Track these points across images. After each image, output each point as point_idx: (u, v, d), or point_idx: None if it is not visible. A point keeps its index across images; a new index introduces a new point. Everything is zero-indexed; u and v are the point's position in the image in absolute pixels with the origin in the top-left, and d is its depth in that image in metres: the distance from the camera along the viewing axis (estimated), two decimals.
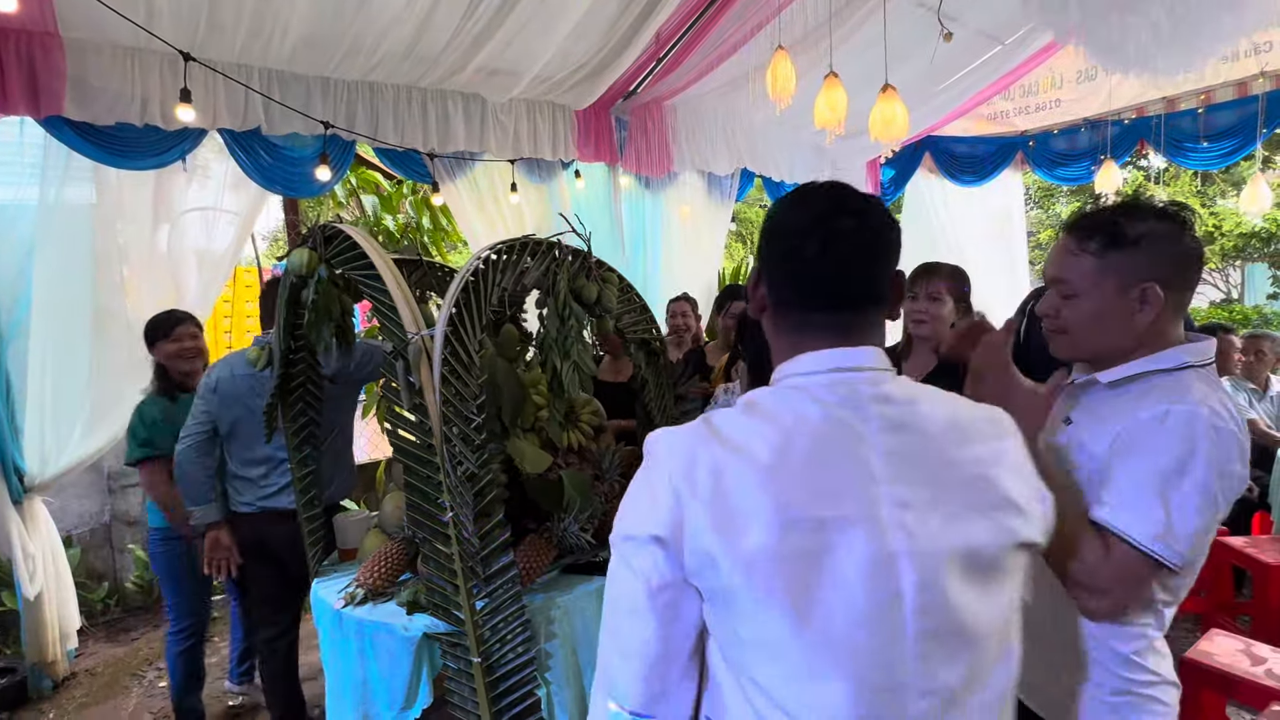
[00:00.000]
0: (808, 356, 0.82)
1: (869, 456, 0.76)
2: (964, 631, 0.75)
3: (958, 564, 0.75)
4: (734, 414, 0.80)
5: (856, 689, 0.72)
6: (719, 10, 3.77)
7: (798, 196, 0.86)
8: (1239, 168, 8.74)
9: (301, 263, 1.91)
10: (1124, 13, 2.80)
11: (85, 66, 2.73)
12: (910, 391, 0.81)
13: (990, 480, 0.78)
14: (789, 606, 0.72)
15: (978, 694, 0.76)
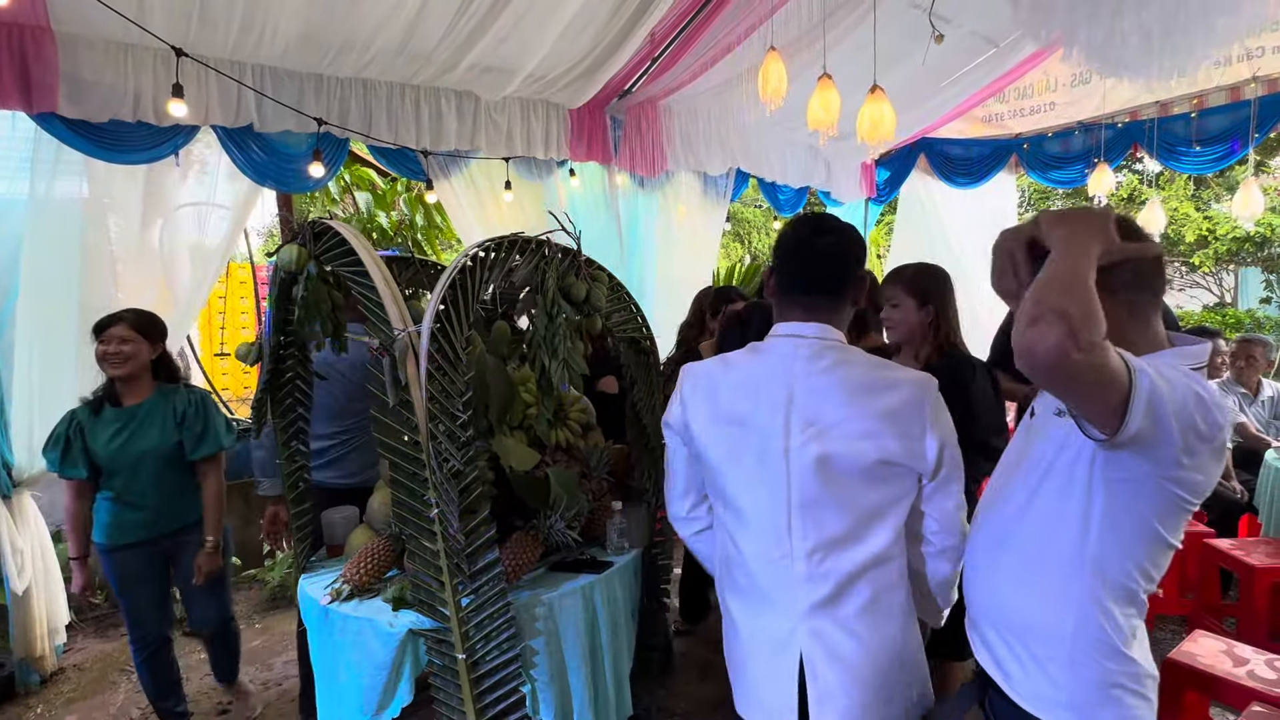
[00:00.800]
0: (780, 324, 1.37)
1: (792, 389, 1.30)
2: (822, 506, 1.28)
3: (821, 465, 1.26)
4: (729, 355, 1.43)
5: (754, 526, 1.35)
6: (713, 11, 3.78)
7: (795, 220, 1.42)
8: (1233, 172, 8.78)
9: (291, 259, 1.91)
10: (1115, 17, 2.81)
11: (78, 61, 2.73)
12: (844, 356, 1.31)
13: (868, 420, 1.25)
14: (724, 461, 1.37)
15: (842, 542, 1.29)
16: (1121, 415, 0.93)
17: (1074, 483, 1.10)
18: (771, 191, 5.70)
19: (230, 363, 8.94)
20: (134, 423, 2.33)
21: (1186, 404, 0.96)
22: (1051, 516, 1.13)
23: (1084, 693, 1.12)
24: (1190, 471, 1.01)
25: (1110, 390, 0.92)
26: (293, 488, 2.29)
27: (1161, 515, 1.06)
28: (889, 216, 8.63)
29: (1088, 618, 1.11)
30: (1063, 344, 0.88)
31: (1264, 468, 3.48)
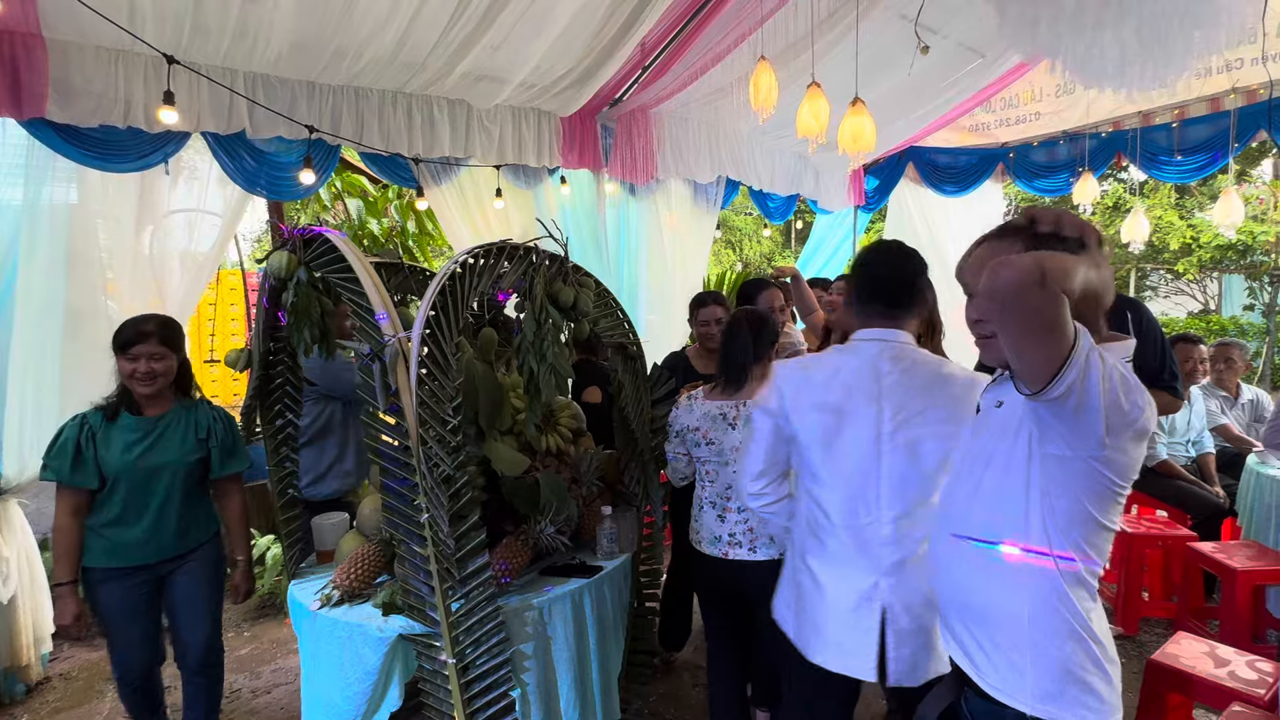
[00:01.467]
0: (864, 330, 1.68)
1: (881, 383, 1.62)
2: (907, 479, 1.59)
3: (909, 445, 1.58)
4: (819, 355, 1.78)
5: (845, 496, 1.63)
6: (703, 21, 3.82)
7: (874, 247, 1.76)
8: (1216, 180, 8.91)
9: (281, 265, 1.92)
10: (1096, 30, 2.86)
11: (68, 68, 2.73)
12: (917, 357, 1.64)
13: (943, 408, 1.58)
14: (818, 442, 1.65)
15: (919, 509, 1.59)
16: (1057, 368, 1.02)
17: (1013, 466, 1.17)
18: (761, 199, 5.75)
19: (220, 370, 8.90)
20: (154, 434, 2.18)
21: (1113, 377, 1.05)
22: (996, 502, 1.20)
23: (1047, 677, 1.16)
24: (1115, 453, 1.08)
25: (1054, 339, 1.01)
26: (281, 494, 2.29)
27: (1092, 497, 1.12)
28: (879, 224, 8.71)
29: (1042, 601, 1.16)
30: (1030, 276, 0.99)
31: (1245, 472, 3.52)
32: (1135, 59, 3.03)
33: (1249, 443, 3.83)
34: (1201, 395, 3.93)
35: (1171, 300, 12.42)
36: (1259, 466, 3.43)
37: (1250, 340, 9.34)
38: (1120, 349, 1.16)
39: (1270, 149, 8.36)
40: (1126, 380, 1.07)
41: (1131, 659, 2.88)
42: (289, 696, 3.02)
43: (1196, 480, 3.71)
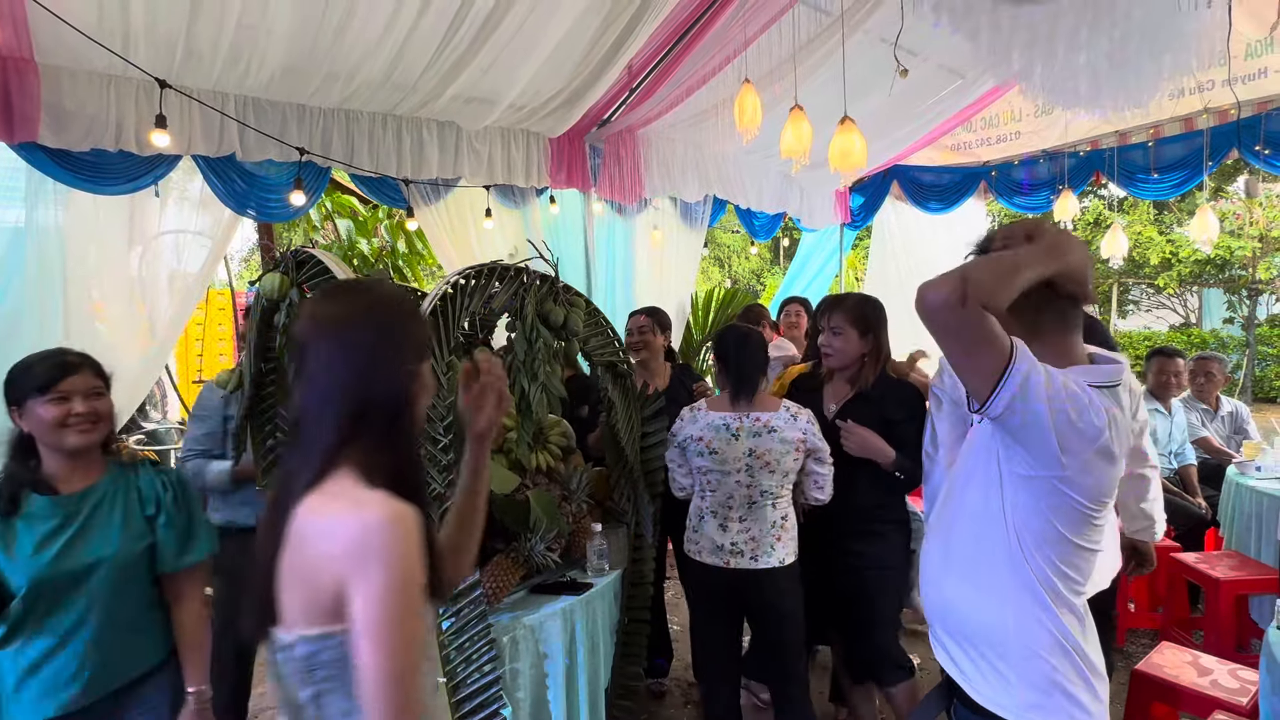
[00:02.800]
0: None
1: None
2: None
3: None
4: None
5: None
6: (688, 44, 3.90)
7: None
8: (1194, 196, 9.09)
9: (273, 287, 1.94)
10: (1068, 54, 2.95)
11: (60, 92, 2.75)
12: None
13: None
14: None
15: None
16: (991, 388, 1.04)
17: (990, 483, 1.20)
18: (747, 217, 5.82)
19: None
20: (79, 518, 1.54)
21: (1060, 396, 1.05)
22: (979, 518, 1.22)
23: (1033, 688, 1.18)
24: (1077, 474, 1.09)
25: (985, 355, 1.04)
26: None
27: (1060, 517, 1.14)
28: (865, 241, 8.83)
29: (1025, 615, 1.18)
30: (949, 298, 1.02)
31: (1225, 483, 3.58)
32: (1107, 82, 3.12)
33: (1229, 454, 3.90)
34: (1182, 408, 3.99)
35: (1153, 314, 12.60)
36: (1239, 478, 3.49)
37: (1230, 353, 9.48)
38: (1100, 372, 1.16)
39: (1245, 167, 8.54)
40: (1078, 399, 1.07)
41: (1118, 670, 2.91)
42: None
43: (1179, 492, 3.77)
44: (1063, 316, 1.20)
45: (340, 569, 0.87)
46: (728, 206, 5.64)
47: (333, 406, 0.95)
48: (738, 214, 5.79)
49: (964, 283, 1.02)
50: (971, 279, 1.02)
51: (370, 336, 0.97)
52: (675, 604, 3.64)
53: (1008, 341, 1.05)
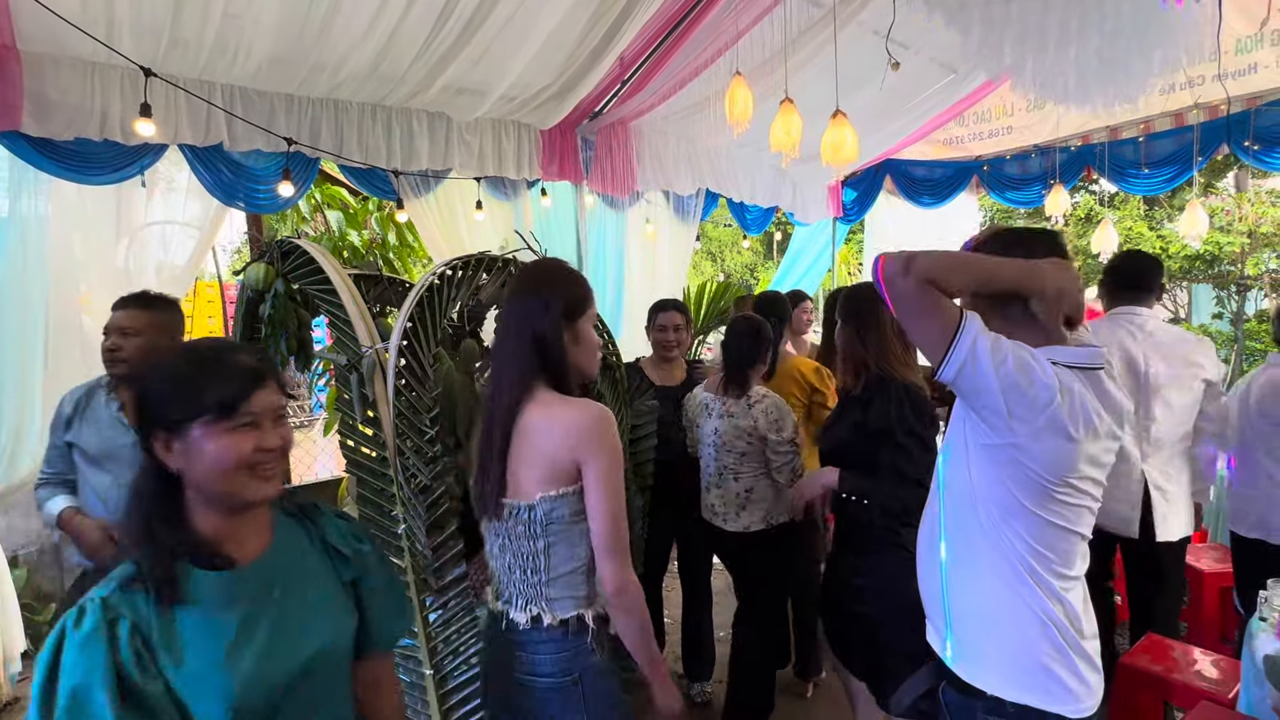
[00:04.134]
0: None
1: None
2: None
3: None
4: None
5: None
6: (680, 37, 3.88)
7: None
8: (1183, 192, 9.14)
9: (258, 277, 1.93)
10: (1059, 49, 2.95)
11: (44, 80, 2.71)
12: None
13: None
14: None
15: None
16: (942, 353, 1.12)
17: (959, 457, 1.24)
18: (740, 211, 5.81)
19: None
20: (272, 598, 1.04)
21: (1007, 361, 1.10)
22: (955, 493, 1.26)
23: (1012, 663, 1.20)
24: (1029, 441, 1.12)
25: (932, 322, 1.13)
26: None
27: (1022, 490, 1.16)
28: (859, 235, 8.83)
29: (1003, 591, 1.20)
30: (898, 271, 1.14)
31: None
32: (1098, 77, 3.13)
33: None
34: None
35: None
36: (1224, 472, 3.51)
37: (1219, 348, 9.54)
38: (1070, 353, 1.18)
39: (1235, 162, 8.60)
40: (1029, 366, 1.11)
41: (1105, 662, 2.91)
42: None
43: None
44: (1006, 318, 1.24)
45: (578, 447, 1.29)
46: (720, 200, 5.63)
47: (522, 345, 1.36)
48: (730, 208, 5.78)
49: (910, 259, 1.14)
50: (918, 257, 1.15)
51: (532, 298, 1.38)
52: (666, 596, 3.64)
53: (957, 312, 1.13)
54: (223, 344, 1.12)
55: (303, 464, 5.16)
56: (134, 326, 1.95)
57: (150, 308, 2.01)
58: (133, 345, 1.93)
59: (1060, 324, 1.22)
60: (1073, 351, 1.19)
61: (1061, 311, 1.20)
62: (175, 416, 0.96)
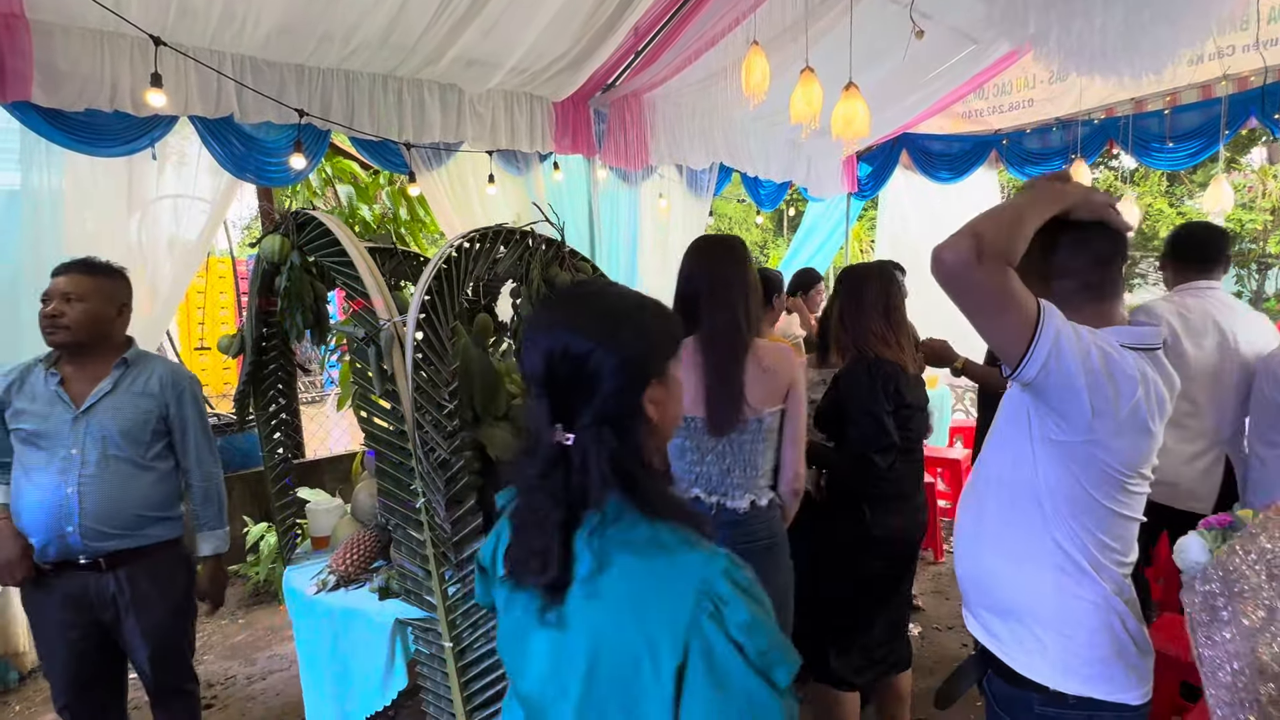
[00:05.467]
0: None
1: None
2: None
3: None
4: None
5: None
6: (696, 6, 3.79)
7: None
8: (1206, 168, 8.95)
9: (274, 249, 1.91)
10: (1085, 18, 2.86)
11: (53, 50, 2.68)
12: None
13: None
14: None
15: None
16: (1023, 350, 1.01)
17: (1021, 450, 1.16)
18: (753, 186, 5.73)
19: (210, 357, 8.86)
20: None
21: (1090, 355, 1.02)
22: (1011, 486, 1.20)
23: (1071, 656, 1.16)
24: (1110, 438, 1.06)
25: (1010, 314, 1.01)
26: (275, 481, 2.28)
27: (1095, 484, 1.11)
28: (872, 211, 8.72)
29: (1063, 582, 1.15)
30: (967, 257, 0.99)
31: None
32: (1124, 47, 3.03)
33: None
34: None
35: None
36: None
37: None
38: (1134, 334, 1.12)
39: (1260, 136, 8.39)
40: (1111, 358, 1.04)
41: None
42: (284, 682, 3.03)
43: None
44: (1097, 286, 1.16)
45: (791, 373, 1.79)
46: (734, 175, 5.56)
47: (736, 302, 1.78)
48: (744, 182, 5.70)
49: (977, 237, 1.00)
50: (982, 232, 1.00)
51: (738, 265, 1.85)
52: None
53: (1034, 300, 1.02)
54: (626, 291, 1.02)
55: (316, 439, 5.18)
56: (77, 292, 1.87)
57: (95, 274, 1.93)
58: (76, 311, 1.86)
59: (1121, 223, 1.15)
60: (1136, 332, 1.13)
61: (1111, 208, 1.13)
62: (664, 362, 0.92)
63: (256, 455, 4.28)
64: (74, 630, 1.92)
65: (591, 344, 0.83)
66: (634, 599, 0.81)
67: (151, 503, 1.95)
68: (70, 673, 1.94)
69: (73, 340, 1.87)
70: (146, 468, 1.94)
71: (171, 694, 2.09)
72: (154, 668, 2.00)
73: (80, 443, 1.86)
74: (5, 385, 1.91)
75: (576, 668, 0.83)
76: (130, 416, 1.91)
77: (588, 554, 0.83)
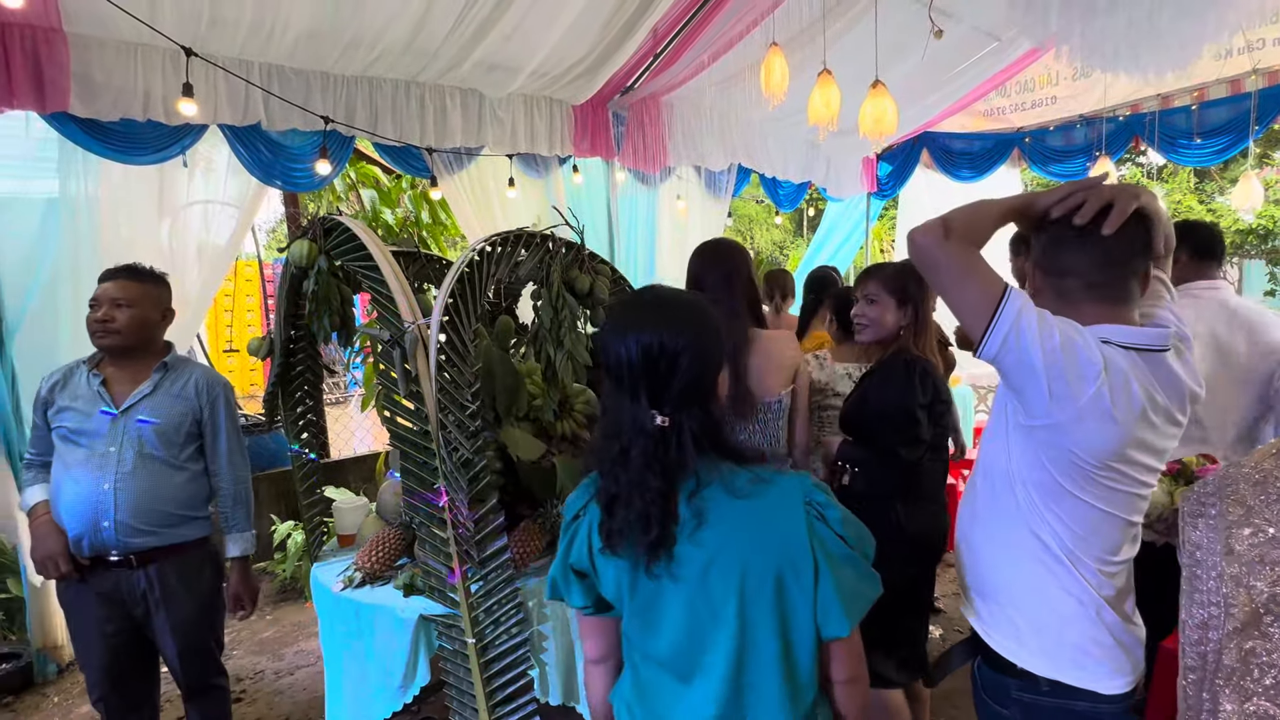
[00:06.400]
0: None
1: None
2: None
3: None
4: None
5: None
6: (714, 7, 3.80)
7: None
8: (1236, 164, 8.77)
9: (302, 254, 1.95)
10: (1109, 14, 2.83)
11: (89, 62, 2.77)
12: None
13: None
14: None
15: None
16: (984, 325, 1.07)
17: (999, 436, 1.21)
18: (772, 187, 5.73)
19: (237, 359, 9.03)
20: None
21: (1053, 336, 1.05)
22: (993, 473, 1.23)
23: (1047, 639, 1.18)
24: (1071, 424, 1.06)
25: (974, 288, 1.09)
26: (305, 478, 2.34)
27: (1062, 472, 1.12)
28: (892, 211, 8.66)
29: (1037, 573, 1.18)
30: (934, 234, 1.13)
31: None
32: (1149, 43, 2.99)
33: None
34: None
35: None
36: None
37: None
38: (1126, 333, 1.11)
39: None
40: (1074, 343, 1.05)
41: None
42: (310, 677, 3.09)
43: None
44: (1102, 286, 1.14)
45: (796, 357, 2.01)
46: (752, 176, 5.56)
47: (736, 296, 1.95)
48: (762, 183, 5.70)
49: (945, 220, 1.14)
50: (950, 217, 1.15)
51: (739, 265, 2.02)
52: None
53: (1000, 281, 1.09)
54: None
55: (340, 439, 5.27)
56: (126, 298, 1.95)
57: (142, 280, 2.01)
58: (125, 316, 1.94)
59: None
60: (1132, 331, 1.12)
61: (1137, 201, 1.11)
62: (724, 352, 1.10)
63: (283, 455, 4.37)
64: (109, 625, 1.99)
65: (683, 340, 1.00)
66: (760, 528, 1.02)
67: (183, 502, 2.02)
68: (105, 666, 2.01)
69: (122, 344, 1.95)
70: (180, 468, 2.01)
71: (202, 689, 2.15)
72: (183, 663, 2.06)
73: (118, 441, 1.93)
74: (50, 385, 2.00)
75: (727, 604, 1.01)
76: (167, 418, 1.98)
77: (689, 513, 1.02)
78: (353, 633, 1.93)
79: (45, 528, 1.94)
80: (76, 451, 1.94)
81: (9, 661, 3.09)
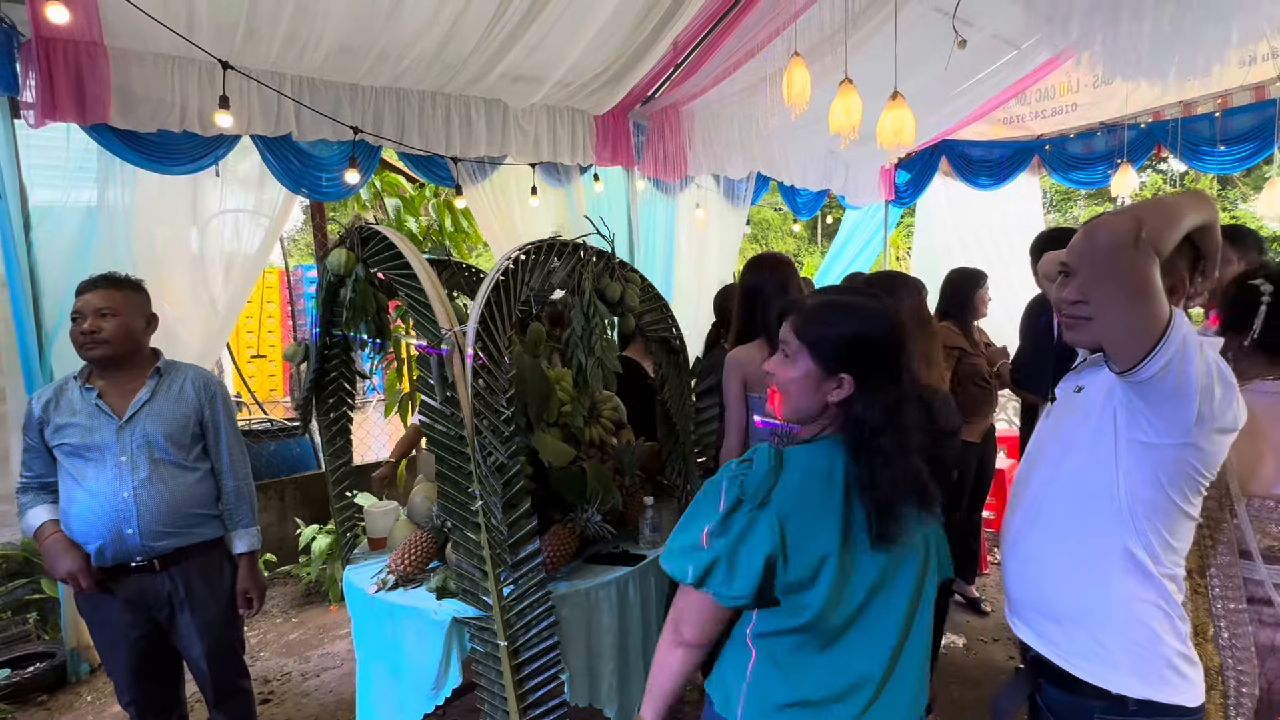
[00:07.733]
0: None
1: None
2: None
3: None
4: None
5: None
6: (735, 17, 3.85)
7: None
8: (1261, 170, 8.68)
9: (340, 262, 2.00)
10: (1131, 21, 2.84)
11: (129, 75, 2.85)
12: None
13: None
14: None
15: None
16: (1149, 347, 1.01)
17: (1096, 452, 1.16)
18: (790, 194, 5.75)
19: (258, 365, 9.15)
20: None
21: (1209, 362, 1.03)
22: (1079, 491, 1.19)
23: (1134, 658, 1.15)
24: (1203, 441, 1.07)
25: (1143, 306, 1.00)
26: (338, 481, 2.38)
27: (1176, 487, 1.11)
28: (909, 219, 8.65)
29: (1128, 584, 1.15)
30: (1127, 233, 0.98)
31: None
32: (1171, 50, 2.99)
33: None
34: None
35: None
36: None
37: None
38: (1212, 343, 1.12)
39: None
40: (1222, 370, 1.05)
41: None
42: (337, 680, 3.13)
43: None
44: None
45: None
46: (771, 184, 5.58)
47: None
48: (780, 191, 5.73)
49: (1138, 221, 0.98)
50: (1144, 218, 0.99)
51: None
52: None
53: (1166, 299, 1.01)
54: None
55: (364, 444, 5.33)
56: (110, 307, 1.93)
57: (122, 288, 1.98)
58: (112, 326, 1.92)
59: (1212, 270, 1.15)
60: (1215, 341, 1.13)
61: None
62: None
63: (307, 460, 4.43)
64: (134, 630, 2.01)
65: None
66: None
67: (199, 501, 2.05)
68: (133, 670, 2.04)
69: (111, 354, 1.93)
70: (190, 469, 2.04)
71: (229, 691, 2.18)
72: (209, 664, 2.09)
73: (128, 450, 1.94)
74: (42, 404, 1.96)
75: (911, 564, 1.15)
76: (171, 421, 2.00)
77: None
78: (386, 634, 1.96)
79: (59, 545, 1.92)
80: (87, 466, 1.93)
81: (43, 660, 3.15)
